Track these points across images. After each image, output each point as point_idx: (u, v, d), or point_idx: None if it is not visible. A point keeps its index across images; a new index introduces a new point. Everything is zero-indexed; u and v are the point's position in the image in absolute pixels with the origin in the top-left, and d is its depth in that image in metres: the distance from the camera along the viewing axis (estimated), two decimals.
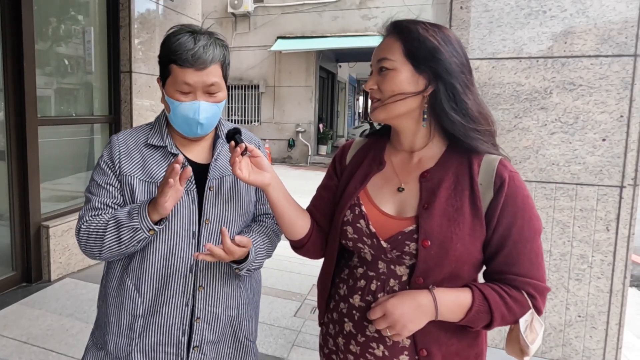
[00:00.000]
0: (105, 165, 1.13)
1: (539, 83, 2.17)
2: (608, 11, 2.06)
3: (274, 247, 1.24)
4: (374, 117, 1.00)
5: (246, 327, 1.23)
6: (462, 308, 0.89)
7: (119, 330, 1.12)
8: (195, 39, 1.05)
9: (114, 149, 1.13)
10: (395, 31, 0.96)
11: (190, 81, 1.05)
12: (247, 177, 0.99)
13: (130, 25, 3.86)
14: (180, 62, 1.04)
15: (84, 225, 1.09)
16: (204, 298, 1.13)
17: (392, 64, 0.94)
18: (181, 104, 1.07)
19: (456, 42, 0.95)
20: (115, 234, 1.04)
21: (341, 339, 1.03)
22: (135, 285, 1.11)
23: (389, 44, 0.96)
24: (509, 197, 0.89)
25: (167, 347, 1.12)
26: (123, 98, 3.97)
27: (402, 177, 1.00)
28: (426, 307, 0.88)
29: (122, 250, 1.06)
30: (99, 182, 1.12)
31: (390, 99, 0.94)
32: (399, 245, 0.93)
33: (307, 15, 11.46)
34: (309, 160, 11.83)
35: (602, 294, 2.18)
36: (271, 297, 3.13)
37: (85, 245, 1.09)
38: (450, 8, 2.27)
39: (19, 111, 3.13)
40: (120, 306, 1.12)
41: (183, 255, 1.10)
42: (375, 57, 0.98)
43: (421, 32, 0.93)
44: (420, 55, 0.92)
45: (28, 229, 3.25)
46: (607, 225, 2.13)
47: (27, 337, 2.52)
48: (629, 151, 2.08)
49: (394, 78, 0.94)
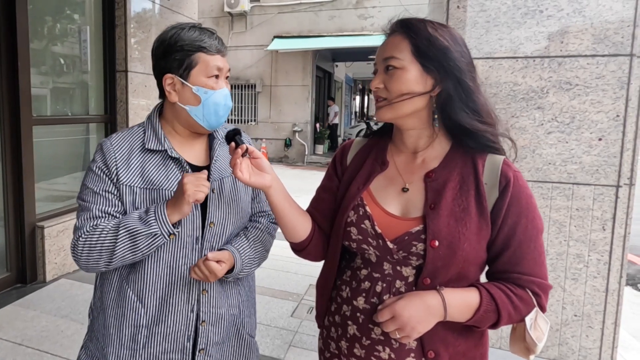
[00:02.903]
0: (100, 172, 1.07)
1: (536, 82, 2.18)
2: (604, 11, 2.07)
3: (267, 250, 1.24)
4: (379, 116, 0.98)
5: (248, 323, 1.24)
6: (470, 308, 0.89)
7: (121, 342, 1.09)
8: (210, 32, 1.13)
9: (109, 155, 1.08)
10: (402, 29, 0.94)
11: (221, 65, 1.10)
12: (248, 179, 0.97)
13: (126, 24, 3.84)
14: (210, 49, 1.09)
15: (83, 237, 1.03)
16: (208, 301, 1.12)
17: (400, 63, 0.92)
18: (215, 92, 1.09)
19: (462, 42, 0.94)
20: (129, 244, 1.00)
21: (344, 343, 1.01)
22: (137, 295, 1.08)
23: (396, 42, 0.94)
24: (514, 197, 0.90)
25: (172, 354, 1.10)
26: (119, 97, 3.94)
27: (406, 177, 0.99)
28: (435, 308, 0.88)
29: (135, 259, 1.04)
30: (94, 189, 1.06)
31: (397, 98, 0.93)
32: (406, 246, 0.92)
33: (304, 14, 11.45)
34: (306, 160, 11.82)
35: (598, 293, 2.18)
36: (268, 297, 3.12)
37: (86, 259, 1.03)
38: (447, 7, 2.27)
39: (14, 110, 3.10)
40: (121, 317, 1.09)
41: (187, 261, 1.09)
42: (381, 55, 0.96)
43: (430, 31, 0.91)
44: (430, 55, 0.90)
45: (23, 230, 3.23)
46: (603, 225, 2.14)
47: (21, 338, 2.50)
48: (625, 151, 2.08)
49: (402, 77, 0.92)
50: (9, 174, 3.15)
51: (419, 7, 9.48)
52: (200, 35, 1.09)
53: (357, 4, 11.09)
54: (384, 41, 0.98)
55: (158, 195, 1.07)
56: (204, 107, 1.09)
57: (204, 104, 1.09)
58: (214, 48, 1.09)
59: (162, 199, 1.07)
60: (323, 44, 11.04)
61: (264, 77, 11.99)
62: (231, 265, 1.09)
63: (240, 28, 11.92)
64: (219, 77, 1.11)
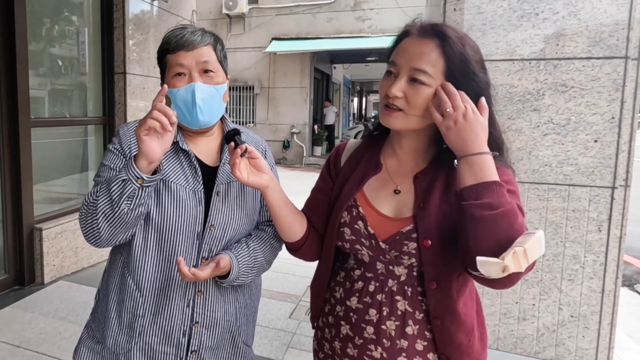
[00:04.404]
0: (116, 151, 1.10)
1: (532, 85, 2.19)
2: (599, 13, 2.08)
3: (268, 262, 1.20)
4: (389, 122, 0.94)
5: (244, 331, 1.22)
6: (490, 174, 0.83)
7: (120, 328, 1.11)
8: (182, 29, 1.10)
9: (124, 139, 1.11)
10: (439, 41, 0.88)
11: (183, 61, 1.06)
12: (246, 179, 0.98)
13: (124, 26, 3.84)
14: (171, 48, 1.08)
15: (86, 201, 1.01)
16: (203, 303, 1.11)
17: (429, 80, 0.87)
18: (179, 90, 1.07)
19: (482, 60, 0.92)
20: (105, 193, 0.97)
21: (337, 343, 1.02)
22: (136, 284, 1.09)
23: (431, 57, 0.88)
24: None
25: (167, 347, 1.10)
26: (117, 99, 3.95)
27: (398, 180, 1.00)
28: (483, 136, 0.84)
29: (115, 213, 0.97)
30: (110, 165, 1.08)
31: (414, 112, 0.90)
32: (397, 245, 0.93)
33: (302, 16, 11.47)
34: (304, 162, 11.83)
35: (594, 294, 2.20)
36: (266, 298, 3.13)
37: (84, 222, 1.01)
38: (444, 10, 2.29)
39: (12, 112, 3.10)
40: (121, 303, 1.11)
41: (186, 256, 1.08)
42: (410, 63, 0.89)
43: (468, 54, 0.88)
44: (459, 80, 0.87)
45: (21, 231, 3.23)
46: (599, 226, 2.15)
47: (19, 340, 2.49)
48: (620, 152, 2.10)
49: (428, 94, 0.88)
50: (7, 176, 3.15)
51: (416, 9, 9.53)
52: (171, 36, 1.09)
53: (355, 6, 11.11)
54: (415, 44, 0.90)
55: (163, 186, 1.07)
56: (175, 107, 1.08)
57: (173, 104, 1.09)
58: (177, 47, 1.06)
59: (167, 189, 1.07)
60: (321, 46, 11.06)
61: (262, 78, 11.99)
62: (227, 271, 1.07)
63: (239, 30, 11.93)
64: (185, 75, 1.07)
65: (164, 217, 1.06)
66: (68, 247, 3.49)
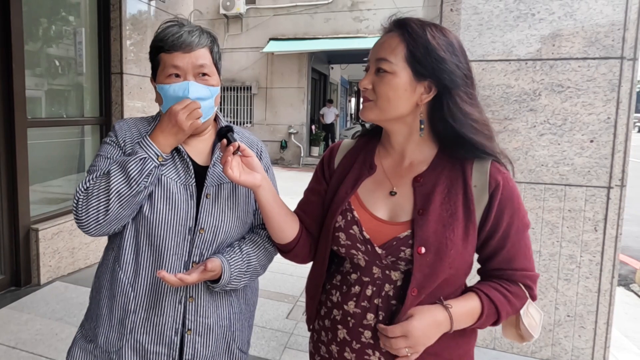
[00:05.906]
0: (113, 144, 1.11)
1: (528, 85, 2.20)
2: (595, 14, 2.09)
3: (262, 266, 1.17)
4: (364, 116, 0.97)
5: (239, 337, 1.19)
6: (473, 316, 0.92)
7: (111, 324, 1.09)
8: (180, 27, 1.07)
9: (120, 133, 1.12)
10: (400, 31, 0.91)
11: (179, 63, 1.05)
12: (238, 177, 0.97)
13: (121, 26, 3.83)
14: (167, 47, 1.05)
15: (83, 187, 1.01)
16: (195, 309, 1.09)
17: (391, 67, 0.90)
18: (171, 86, 1.05)
19: (460, 51, 0.92)
20: (121, 173, 0.99)
21: (335, 347, 1.01)
22: (128, 279, 1.08)
23: (391, 45, 0.91)
24: (506, 199, 0.91)
25: (159, 347, 1.08)
26: (114, 100, 3.94)
27: (394, 181, 0.98)
28: (443, 324, 0.90)
29: (133, 190, 0.99)
30: (106, 154, 1.09)
31: (383, 102, 0.92)
32: (394, 251, 0.92)
33: (299, 17, 11.47)
34: (302, 162, 11.82)
35: (590, 294, 2.20)
36: (263, 299, 3.12)
37: (85, 208, 0.99)
38: (440, 10, 2.29)
39: (8, 113, 3.09)
40: (112, 299, 1.09)
41: (177, 251, 1.06)
42: (375, 55, 0.94)
43: (429, 38, 0.88)
44: (423, 64, 0.88)
45: (17, 232, 3.21)
46: (595, 226, 2.16)
47: (15, 342, 2.48)
48: (616, 152, 2.11)
49: (391, 82, 0.90)
50: (3, 177, 3.13)
51: (413, 9, 9.53)
52: (166, 33, 1.06)
53: (352, 7, 11.13)
54: (380, 39, 0.95)
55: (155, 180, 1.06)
56: (166, 104, 1.07)
57: (164, 100, 1.08)
58: (174, 47, 1.05)
59: (158, 183, 1.06)
60: (318, 46, 11.06)
61: (260, 79, 11.99)
62: (218, 275, 1.05)
63: (236, 30, 11.92)
64: (180, 77, 1.06)
65: (154, 210, 1.05)
66: (64, 247, 3.48)
